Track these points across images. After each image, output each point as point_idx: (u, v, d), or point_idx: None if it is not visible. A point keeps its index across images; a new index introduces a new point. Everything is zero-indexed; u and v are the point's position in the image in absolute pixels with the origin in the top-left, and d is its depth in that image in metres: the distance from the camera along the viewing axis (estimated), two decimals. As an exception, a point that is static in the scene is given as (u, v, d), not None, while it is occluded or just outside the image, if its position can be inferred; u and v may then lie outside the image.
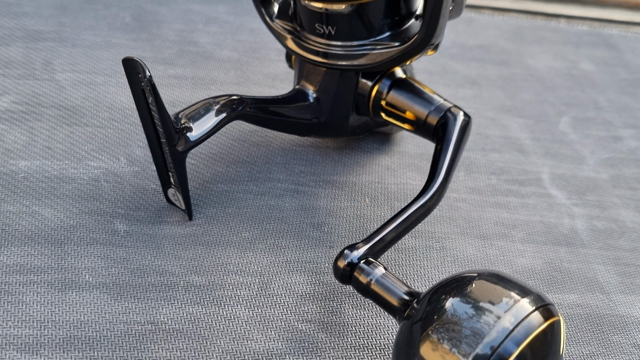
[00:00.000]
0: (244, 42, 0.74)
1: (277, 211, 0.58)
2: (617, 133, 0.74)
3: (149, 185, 0.57)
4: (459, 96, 0.74)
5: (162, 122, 0.50)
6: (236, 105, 0.55)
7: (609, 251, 0.61)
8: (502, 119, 0.72)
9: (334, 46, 0.56)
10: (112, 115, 0.63)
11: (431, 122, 0.56)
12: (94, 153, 0.59)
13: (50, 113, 0.62)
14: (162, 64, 0.69)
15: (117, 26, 0.72)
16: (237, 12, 0.78)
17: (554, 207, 0.64)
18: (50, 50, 0.68)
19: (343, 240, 0.57)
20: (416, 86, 0.58)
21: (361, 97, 0.59)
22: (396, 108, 0.58)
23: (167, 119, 0.50)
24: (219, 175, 0.59)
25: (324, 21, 0.55)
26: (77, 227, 0.53)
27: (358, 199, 0.60)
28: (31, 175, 0.56)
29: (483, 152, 0.68)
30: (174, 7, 0.77)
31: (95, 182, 0.57)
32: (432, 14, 0.52)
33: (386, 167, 0.64)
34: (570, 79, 0.80)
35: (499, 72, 0.78)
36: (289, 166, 0.62)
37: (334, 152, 0.64)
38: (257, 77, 0.70)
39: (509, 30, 0.86)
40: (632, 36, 0.90)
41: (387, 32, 0.55)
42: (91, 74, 0.66)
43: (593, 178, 0.68)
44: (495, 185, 0.65)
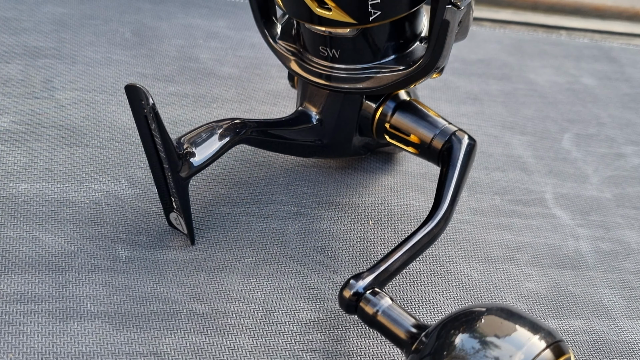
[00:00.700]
0: (245, 58, 0.73)
1: (280, 235, 0.56)
2: (620, 150, 0.73)
3: (150, 209, 0.56)
4: (461, 112, 0.73)
5: (165, 148, 0.49)
6: (239, 129, 0.54)
7: (614, 274, 0.60)
8: (505, 136, 0.71)
9: (338, 69, 0.54)
10: (113, 135, 0.61)
11: (436, 146, 0.55)
12: (94, 175, 0.58)
13: (51, 133, 0.60)
14: (162, 81, 0.68)
15: (117, 42, 0.71)
16: (237, 26, 0.76)
17: (558, 228, 0.63)
18: (50, 67, 0.66)
19: (347, 265, 0.55)
20: (421, 109, 0.57)
21: (365, 119, 0.58)
22: (400, 131, 0.57)
23: (170, 146, 0.49)
24: (221, 198, 0.58)
25: (327, 44, 0.54)
26: (78, 252, 0.52)
27: (361, 222, 0.59)
28: (31, 199, 0.55)
29: (486, 171, 0.67)
30: (174, 22, 0.75)
31: (96, 205, 0.56)
32: (438, 39, 0.51)
33: (389, 188, 0.63)
34: (572, 94, 0.79)
35: (501, 88, 0.77)
36: (292, 187, 0.60)
37: (337, 173, 0.63)
38: (259, 95, 0.69)
39: (510, 43, 0.85)
40: (633, 49, 0.89)
41: (391, 56, 0.54)
42: (91, 92, 0.65)
43: (597, 197, 0.67)
44: (499, 205, 0.64)
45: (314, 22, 0.51)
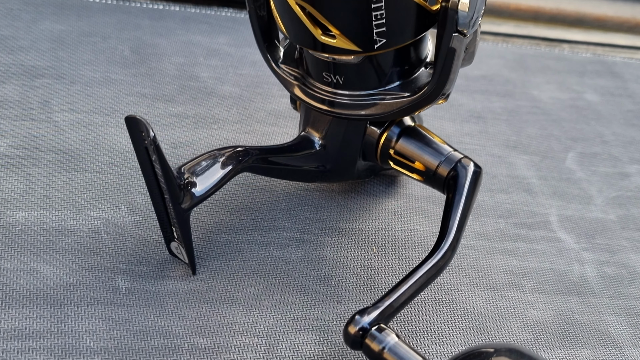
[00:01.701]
0: (246, 76, 0.71)
1: (282, 263, 0.55)
2: (624, 169, 0.71)
3: (150, 236, 0.55)
4: (465, 132, 0.71)
5: (165, 180, 0.48)
6: (241, 157, 0.53)
7: (620, 300, 0.59)
8: (509, 156, 0.70)
9: (341, 95, 0.53)
10: (112, 159, 0.60)
11: (442, 174, 0.54)
12: (93, 202, 0.56)
13: (48, 158, 0.59)
14: (162, 101, 0.66)
15: (116, 60, 0.69)
16: (238, 43, 0.75)
17: (563, 253, 0.61)
18: (48, 87, 0.65)
19: (350, 295, 0.54)
20: (425, 135, 0.56)
21: (369, 144, 0.56)
22: (405, 157, 0.55)
23: (171, 177, 0.48)
24: (222, 224, 0.57)
25: (331, 70, 0.52)
26: (77, 285, 0.50)
27: (365, 248, 0.58)
28: (29, 228, 0.53)
29: (490, 194, 0.65)
30: (173, 38, 0.74)
31: (96, 234, 0.54)
32: (444, 66, 0.50)
33: (393, 212, 0.61)
34: (576, 111, 0.78)
35: (504, 105, 0.76)
36: (294, 213, 0.59)
37: (340, 197, 0.61)
38: (260, 115, 0.67)
39: (512, 59, 0.83)
40: (636, 64, 0.88)
41: (396, 82, 0.53)
42: (90, 113, 0.63)
43: (601, 219, 0.65)
44: (504, 229, 0.62)
45: (318, 49, 0.50)
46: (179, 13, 0.77)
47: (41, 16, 0.72)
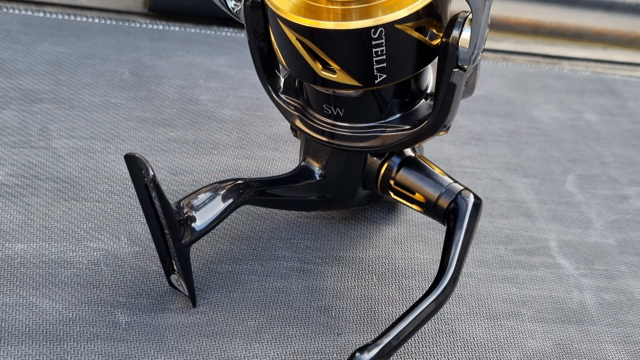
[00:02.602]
0: (246, 99, 0.71)
1: (283, 294, 0.55)
2: (623, 191, 0.71)
3: (150, 267, 0.54)
4: (465, 154, 0.71)
5: (165, 217, 0.47)
6: (242, 190, 0.52)
7: (618, 328, 0.58)
8: (508, 180, 0.69)
9: (342, 127, 0.52)
10: (112, 188, 0.59)
11: (442, 205, 0.54)
12: (93, 232, 0.56)
13: (47, 187, 0.58)
14: (162, 126, 0.66)
15: (116, 83, 0.69)
16: (238, 64, 0.74)
17: (563, 279, 0.61)
18: (47, 113, 0.64)
19: (351, 326, 0.54)
20: (426, 166, 0.55)
21: (369, 175, 0.56)
22: (405, 189, 0.55)
23: (171, 215, 0.47)
24: (222, 254, 0.56)
25: (331, 102, 0.52)
26: (77, 319, 0.50)
27: (365, 277, 0.57)
28: (28, 261, 0.53)
29: (490, 219, 0.65)
30: (173, 60, 0.73)
31: (95, 266, 0.54)
32: (444, 101, 0.49)
33: (393, 240, 0.61)
34: (575, 131, 0.77)
35: (504, 126, 0.76)
36: (294, 241, 0.58)
37: (340, 224, 0.61)
38: (260, 139, 0.67)
39: (512, 78, 0.83)
40: (635, 81, 0.87)
41: (397, 114, 0.52)
42: (89, 139, 0.63)
43: (600, 244, 0.65)
44: (503, 256, 0.62)
45: (318, 83, 0.49)
46: (179, 33, 0.76)
47: (40, 38, 0.72)
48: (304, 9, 0.47)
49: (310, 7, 0.47)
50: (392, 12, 0.46)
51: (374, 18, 0.46)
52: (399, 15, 0.46)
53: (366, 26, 0.46)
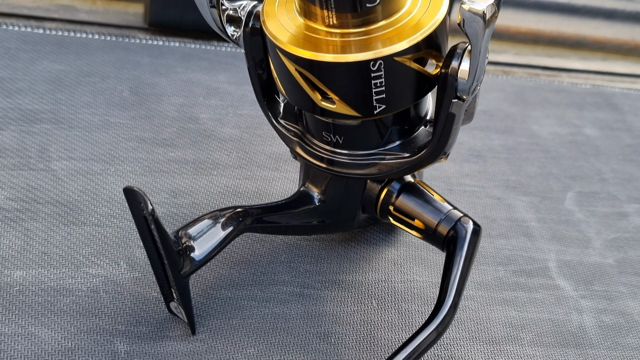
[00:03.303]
0: (246, 117, 0.70)
1: (282, 320, 0.54)
2: (623, 209, 0.70)
3: (150, 294, 0.54)
4: (465, 172, 0.70)
5: (164, 249, 0.47)
6: (242, 218, 0.52)
7: (617, 351, 0.58)
8: (508, 198, 0.69)
9: (341, 154, 0.52)
10: (111, 211, 0.59)
11: (441, 232, 0.53)
12: (92, 258, 0.55)
13: (47, 211, 0.58)
14: (162, 145, 0.65)
15: (115, 102, 0.68)
16: (238, 80, 0.73)
17: (562, 301, 0.60)
18: (46, 133, 0.63)
19: (350, 353, 0.53)
20: (425, 192, 0.55)
21: (369, 200, 0.55)
22: (405, 214, 0.54)
23: (170, 247, 0.47)
24: (222, 279, 0.56)
25: (331, 130, 0.51)
26: (76, 349, 0.50)
27: (365, 302, 0.57)
28: (27, 288, 0.52)
29: (489, 239, 0.64)
30: (173, 77, 0.72)
31: (94, 293, 0.53)
32: (443, 130, 0.48)
33: (393, 262, 0.60)
34: (575, 147, 0.76)
35: (504, 142, 0.75)
36: (294, 265, 0.58)
37: (340, 246, 0.60)
38: (260, 159, 0.66)
39: (512, 91, 0.82)
40: (635, 94, 0.87)
41: (396, 142, 0.52)
42: (88, 161, 0.62)
43: (599, 264, 0.64)
44: (503, 278, 0.61)
45: (317, 113, 0.49)
46: (179, 49, 0.76)
47: (39, 55, 0.71)
48: (303, 40, 0.46)
49: (309, 38, 0.47)
50: (391, 45, 0.45)
51: (373, 51, 0.45)
52: (398, 47, 0.45)
53: (365, 59, 0.45)
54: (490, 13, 0.44)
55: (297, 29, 0.47)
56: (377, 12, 0.46)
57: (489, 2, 0.43)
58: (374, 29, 0.46)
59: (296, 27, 0.48)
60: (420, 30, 0.46)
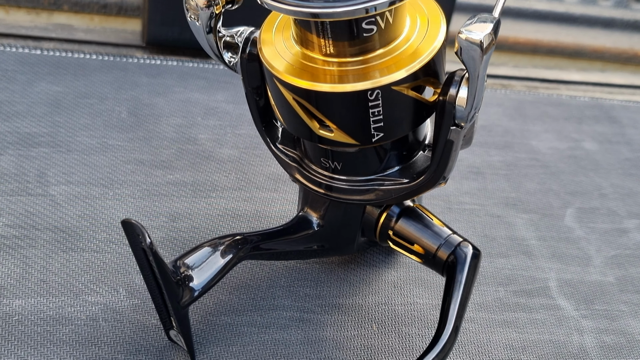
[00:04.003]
0: (244, 137, 0.69)
1: (282, 347, 0.54)
2: (622, 225, 0.70)
3: (149, 321, 0.53)
4: (464, 190, 0.70)
5: (164, 282, 0.46)
6: (241, 245, 0.51)
7: (619, 372, 0.58)
8: (508, 216, 0.68)
9: (339, 180, 0.51)
10: (110, 237, 0.58)
11: (441, 257, 0.53)
12: (91, 285, 0.55)
13: (45, 237, 0.57)
14: (160, 168, 0.65)
15: (114, 123, 0.68)
16: (236, 99, 0.73)
17: (563, 322, 0.60)
18: (44, 157, 0.63)
19: (351, 379, 0.53)
20: (425, 216, 0.54)
21: (368, 224, 0.55)
22: (404, 239, 0.54)
23: (169, 279, 0.46)
24: (221, 305, 0.55)
25: (329, 156, 0.51)
26: (76, 380, 0.49)
27: (365, 326, 0.56)
28: (26, 318, 0.52)
29: (490, 259, 0.64)
30: (171, 97, 0.72)
31: (94, 321, 0.53)
32: (442, 156, 0.48)
33: (392, 284, 0.60)
34: (574, 162, 0.76)
35: (503, 158, 0.74)
36: (294, 289, 0.58)
37: (339, 269, 0.60)
38: (259, 180, 0.66)
39: (511, 106, 0.82)
40: (634, 107, 0.86)
41: (395, 167, 0.51)
42: (87, 185, 0.62)
43: (600, 282, 0.64)
44: (503, 298, 0.61)
45: (315, 141, 0.48)
46: (177, 68, 0.75)
47: (37, 77, 0.70)
48: (300, 69, 0.46)
49: (306, 67, 0.46)
50: (389, 74, 0.45)
51: (371, 80, 0.45)
52: (397, 77, 0.45)
53: (363, 89, 0.45)
54: (488, 41, 0.43)
55: (294, 57, 0.47)
56: (374, 40, 0.45)
57: (486, 32, 0.43)
58: (371, 57, 0.46)
59: (293, 55, 0.47)
60: (418, 59, 0.45)
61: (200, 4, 0.48)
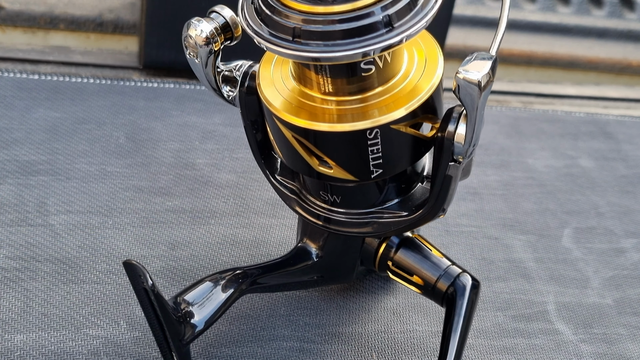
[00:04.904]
0: (242, 161, 0.69)
1: (283, 378, 0.54)
2: (620, 244, 0.70)
3: (150, 354, 0.53)
4: (462, 212, 0.70)
5: (166, 321, 0.46)
6: (242, 279, 0.51)
7: (618, 397, 0.58)
8: (505, 238, 0.68)
9: (338, 212, 0.51)
10: (110, 267, 0.58)
11: (440, 289, 0.53)
12: (92, 318, 0.55)
13: (46, 269, 0.57)
14: (159, 194, 0.65)
15: (112, 149, 0.68)
16: (233, 122, 0.73)
17: (562, 346, 0.60)
18: (44, 186, 0.63)
19: (352, 410, 0.53)
20: (424, 247, 0.54)
21: (367, 253, 0.55)
22: (404, 270, 0.54)
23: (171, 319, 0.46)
24: (221, 337, 0.55)
25: (328, 190, 0.51)
26: (78, 417, 0.49)
27: (365, 355, 0.56)
28: (27, 353, 0.52)
29: (488, 282, 0.64)
30: (168, 120, 0.72)
31: (95, 356, 0.53)
32: (441, 190, 0.48)
33: (392, 312, 0.60)
34: (571, 180, 0.76)
35: (500, 178, 0.74)
36: (293, 318, 0.58)
37: (338, 296, 0.60)
38: (257, 205, 0.66)
39: (507, 123, 0.82)
40: (629, 122, 0.86)
41: (394, 200, 0.51)
42: (86, 214, 0.62)
43: (598, 305, 0.64)
44: (502, 324, 0.61)
45: (313, 176, 0.48)
46: (174, 91, 0.75)
47: (35, 102, 0.70)
48: (299, 107, 0.46)
49: (305, 105, 0.46)
50: (388, 113, 0.45)
51: (370, 120, 0.45)
52: (396, 115, 0.45)
53: (362, 128, 0.45)
54: (486, 81, 0.43)
55: (292, 95, 0.47)
56: (372, 78, 0.45)
57: (484, 72, 0.43)
58: (370, 95, 0.46)
59: (292, 92, 0.47)
60: (417, 97, 0.45)
61: (199, 42, 0.47)
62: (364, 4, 0.41)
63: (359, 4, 0.41)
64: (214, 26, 0.47)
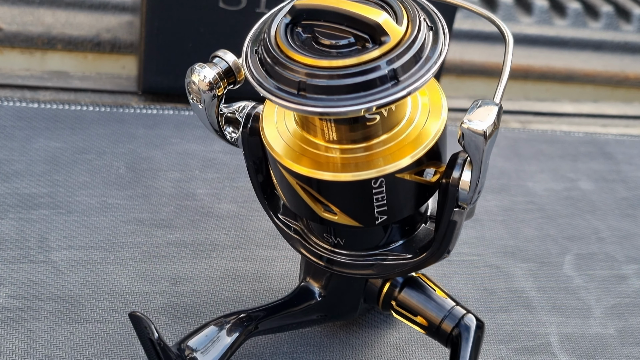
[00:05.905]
0: (242, 190, 0.69)
1: (287, 418, 0.54)
2: (621, 271, 0.70)
3: (154, 396, 0.53)
4: (463, 240, 0.69)
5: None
6: (246, 323, 0.51)
7: None
8: (507, 266, 0.68)
9: (341, 254, 0.51)
10: (113, 305, 0.58)
11: (445, 330, 0.52)
12: (95, 359, 0.54)
13: (49, 308, 0.57)
14: (160, 227, 0.64)
15: (112, 180, 0.67)
16: (233, 150, 0.71)
17: (564, 379, 0.60)
18: (45, 220, 0.62)
19: None
20: (428, 287, 0.54)
21: (370, 292, 0.55)
22: (408, 310, 0.54)
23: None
24: (226, 376, 0.55)
25: (331, 232, 0.50)
26: None
27: (369, 392, 0.56)
28: (32, 398, 0.52)
29: (490, 314, 0.64)
30: (168, 149, 0.71)
31: (99, 399, 0.52)
32: (445, 234, 0.48)
33: (395, 347, 0.59)
34: (571, 204, 0.76)
35: (500, 202, 0.74)
36: (296, 356, 0.57)
37: (341, 332, 0.60)
38: (259, 236, 0.65)
39: (506, 145, 0.82)
40: (628, 141, 0.86)
41: (398, 242, 0.51)
42: (88, 249, 0.61)
43: (601, 335, 0.64)
44: (505, 358, 0.61)
45: (317, 221, 0.48)
46: (173, 117, 0.75)
47: (35, 132, 0.70)
48: (302, 155, 0.45)
49: (309, 152, 0.46)
50: (394, 162, 0.44)
51: (375, 169, 0.44)
52: (401, 164, 0.44)
53: (367, 178, 0.44)
54: (491, 130, 0.43)
55: (295, 141, 0.46)
56: (377, 126, 0.45)
57: (489, 122, 0.43)
58: (374, 144, 0.45)
59: (295, 137, 0.47)
60: (422, 144, 0.45)
61: (202, 87, 0.47)
62: (369, 57, 0.40)
63: (364, 58, 0.40)
64: (216, 71, 0.47)
